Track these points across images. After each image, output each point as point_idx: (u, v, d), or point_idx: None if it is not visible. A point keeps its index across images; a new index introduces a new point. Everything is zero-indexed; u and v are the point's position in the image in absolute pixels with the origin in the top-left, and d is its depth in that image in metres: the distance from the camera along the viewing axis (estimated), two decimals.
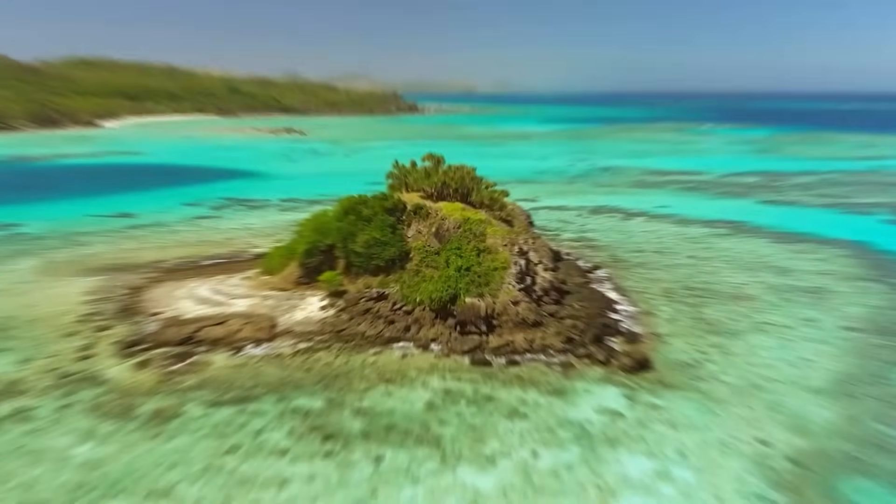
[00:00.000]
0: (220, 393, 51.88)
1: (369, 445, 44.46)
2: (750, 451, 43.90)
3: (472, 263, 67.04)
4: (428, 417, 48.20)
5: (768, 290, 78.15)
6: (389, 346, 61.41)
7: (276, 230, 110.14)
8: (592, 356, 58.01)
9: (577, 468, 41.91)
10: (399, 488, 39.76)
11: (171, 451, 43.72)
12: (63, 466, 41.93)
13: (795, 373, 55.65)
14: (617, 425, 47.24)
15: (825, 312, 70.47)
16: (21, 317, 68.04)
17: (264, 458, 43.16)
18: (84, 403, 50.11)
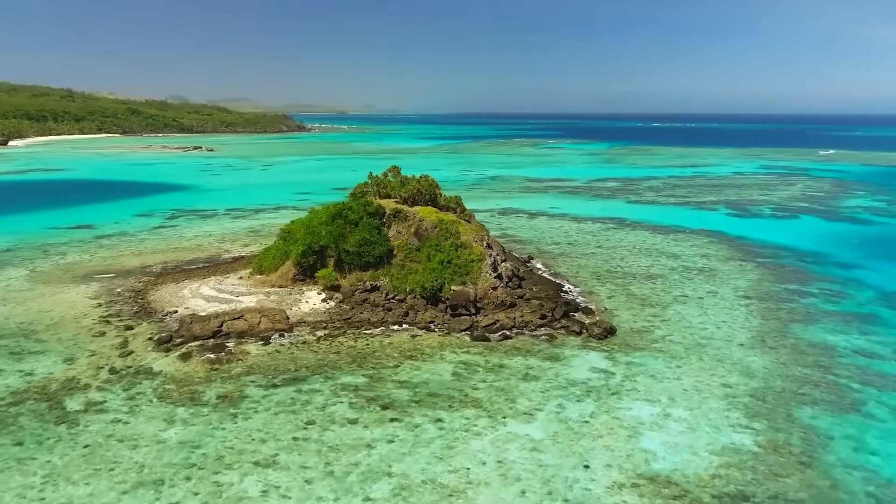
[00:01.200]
0: (270, 377, 51.04)
1: (424, 410, 45.47)
2: (719, 392, 48.54)
3: (452, 257, 68.88)
4: (460, 385, 49.73)
5: (670, 271, 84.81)
6: (395, 329, 62.07)
7: (236, 236, 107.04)
8: (568, 328, 61.39)
9: (598, 415, 44.88)
10: (467, 443, 41.17)
11: (254, 428, 42.94)
12: (163, 448, 40.33)
13: (724, 332, 61.44)
14: (612, 380, 50.70)
15: (720, 286, 77.58)
16: (41, 321, 63.35)
17: (340, 427, 43.29)
18: (150, 393, 47.96)
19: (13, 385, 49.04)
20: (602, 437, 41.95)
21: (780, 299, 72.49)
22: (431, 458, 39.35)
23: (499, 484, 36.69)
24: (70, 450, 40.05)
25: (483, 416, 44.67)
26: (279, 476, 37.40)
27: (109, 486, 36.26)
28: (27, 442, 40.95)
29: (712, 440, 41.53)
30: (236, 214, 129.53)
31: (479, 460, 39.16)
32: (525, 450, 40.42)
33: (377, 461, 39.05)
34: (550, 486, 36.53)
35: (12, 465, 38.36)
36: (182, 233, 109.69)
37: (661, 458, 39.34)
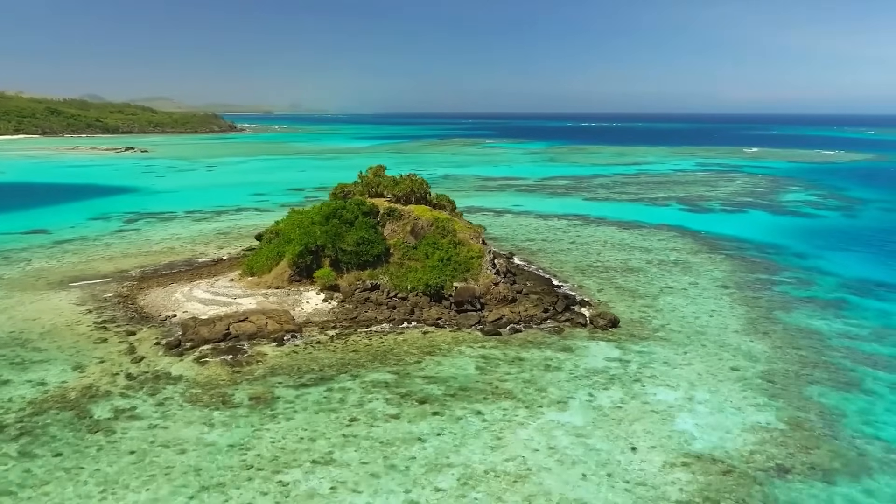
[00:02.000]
0: (296, 377, 50.98)
1: (461, 403, 46.55)
2: (731, 376, 51.64)
3: (452, 254, 70.04)
4: (487, 378, 51.03)
5: (647, 264, 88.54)
6: (404, 326, 62.74)
7: (206, 238, 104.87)
8: (573, 321, 63.56)
9: (628, 401, 47.08)
10: (514, 432, 42.53)
11: (299, 427, 43.02)
12: (213, 451, 39.96)
13: (717, 320, 64.98)
14: (629, 368, 53.08)
15: (699, 277, 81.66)
16: (31, 329, 60.87)
17: (384, 422, 43.86)
18: (178, 398, 47.17)
19: (28, 395, 47.24)
20: (638, 422, 44.05)
21: (755, 288, 76.92)
22: (485, 448, 40.47)
23: (558, 469, 38.18)
24: (116, 457, 39.14)
25: (520, 407, 46.09)
26: (342, 472, 37.74)
27: (172, 491, 35.78)
28: (66, 452, 39.78)
29: (740, 420, 44.29)
30: (197, 217, 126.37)
31: (531, 448, 40.55)
32: (571, 436, 42.07)
33: (433, 453, 39.87)
34: (607, 468, 38.29)
35: (60, 475, 37.26)
36: (147, 236, 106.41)
37: (699, 438, 41.74)
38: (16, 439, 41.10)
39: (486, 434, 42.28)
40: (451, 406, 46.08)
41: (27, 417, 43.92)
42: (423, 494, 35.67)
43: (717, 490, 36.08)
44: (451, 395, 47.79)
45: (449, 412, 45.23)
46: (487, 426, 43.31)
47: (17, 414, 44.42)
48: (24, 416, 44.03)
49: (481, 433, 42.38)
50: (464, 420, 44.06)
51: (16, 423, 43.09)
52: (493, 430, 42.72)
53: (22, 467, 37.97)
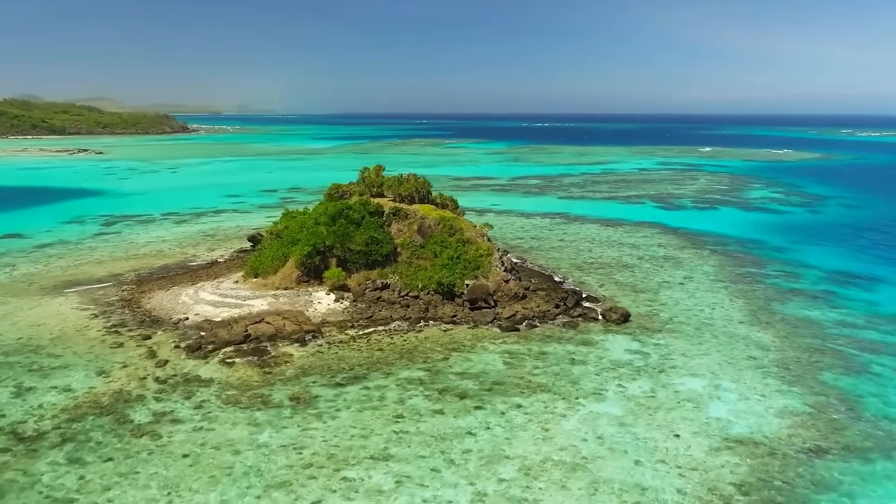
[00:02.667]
0: (329, 377, 51.17)
1: (500, 398, 47.53)
2: (749, 364, 53.97)
3: (461, 253, 70.97)
4: (517, 372, 52.14)
5: (639, 260, 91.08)
6: (422, 324, 63.35)
7: (192, 241, 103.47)
8: (586, 316, 65.20)
9: (659, 391, 48.83)
10: (558, 423, 43.74)
11: (347, 426, 43.32)
12: (268, 452, 40.00)
13: (720, 313, 67.54)
14: (650, 360, 54.91)
15: (691, 272, 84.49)
16: (40, 336, 59.37)
17: (430, 417, 44.53)
18: (215, 400, 46.90)
19: (58, 402, 46.29)
20: (674, 410, 45.79)
21: (747, 282, 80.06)
22: (536, 440, 41.54)
23: (612, 457, 39.52)
24: (171, 460, 38.84)
25: (557, 399, 47.32)
26: (403, 467, 38.29)
27: (239, 491, 35.78)
28: (117, 457, 39.25)
29: (769, 405, 46.46)
30: (176, 219, 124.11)
31: (579, 438, 41.80)
32: (614, 426, 43.49)
33: (487, 446, 40.74)
34: (656, 455, 39.80)
35: (118, 480, 36.82)
36: (131, 239, 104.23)
37: (735, 424, 43.67)
38: (60, 446, 40.33)
39: (533, 426, 43.32)
40: (491, 400, 46.97)
41: (64, 424, 43.07)
42: (488, 486, 36.48)
43: (767, 472, 37.92)
44: (487, 390, 48.66)
45: (490, 406, 46.10)
46: (531, 419, 44.36)
47: (52, 420, 43.50)
48: (61, 423, 43.16)
49: (527, 425, 43.40)
50: (507, 414, 45.02)
51: (55, 430, 42.24)
52: (538, 423, 43.78)
53: (76, 474, 37.36)
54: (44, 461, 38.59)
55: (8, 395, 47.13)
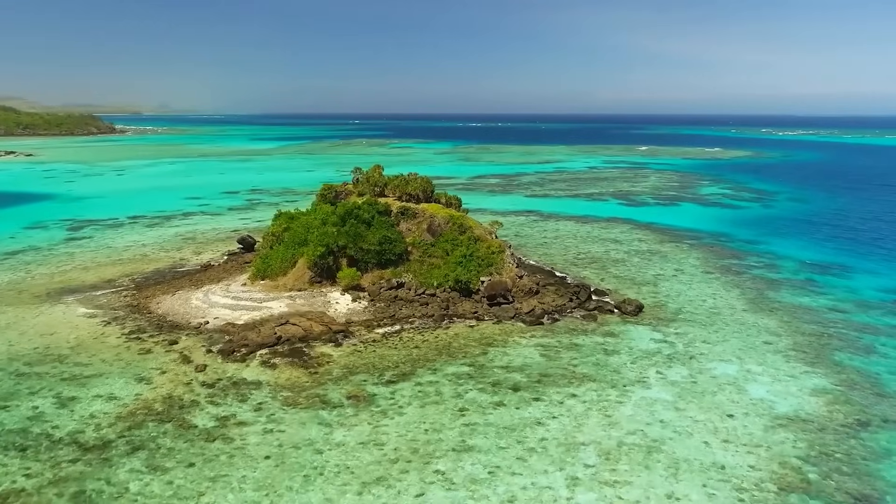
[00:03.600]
0: (377, 374, 51.52)
1: (552, 388, 49.09)
2: (767, 348, 57.41)
3: (473, 250, 72.22)
4: (558, 364, 53.85)
5: (627, 255, 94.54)
6: (447, 321, 64.23)
7: (174, 244, 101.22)
8: (601, 308, 67.58)
9: (696, 376, 51.47)
10: (617, 410, 45.66)
11: (416, 421, 43.93)
12: (349, 450, 40.25)
13: (722, 302, 71.20)
14: (677, 348, 57.65)
15: (680, 265, 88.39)
16: (57, 345, 57.25)
17: (494, 409, 45.66)
18: (272, 401, 46.63)
19: (110, 410, 45.08)
20: (718, 393, 48.45)
21: (734, 273, 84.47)
22: (603, 426, 43.30)
23: (680, 439, 41.66)
24: (255, 462, 38.64)
25: (606, 387, 49.27)
26: (489, 458, 39.32)
27: (339, 490, 36.05)
28: (197, 462, 38.75)
29: (800, 385, 49.76)
30: (146, 223, 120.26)
31: (643, 422, 43.81)
32: (670, 410, 45.73)
33: (560, 434, 42.21)
34: (719, 435, 42.21)
35: (209, 485, 36.43)
36: (106, 244, 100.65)
37: (778, 404, 46.64)
38: (132, 454, 39.43)
39: (594, 413, 45.05)
40: (545, 391, 48.45)
41: (126, 432, 42.03)
42: (577, 471, 37.94)
43: (824, 445, 40.88)
44: (537, 382, 50.11)
45: (547, 397, 47.57)
46: (589, 407, 46.10)
47: (111, 429, 42.36)
48: (122, 431, 42.10)
49: (589, 413, 45.10)
50: (565, 404, 46.57)
51: (119, 438, 41.20)
52: (597, 410, 45.55)
53: (162, 480, 36.69)
54: (123, 469, 37.66)
55: (51, 406, 45.46)
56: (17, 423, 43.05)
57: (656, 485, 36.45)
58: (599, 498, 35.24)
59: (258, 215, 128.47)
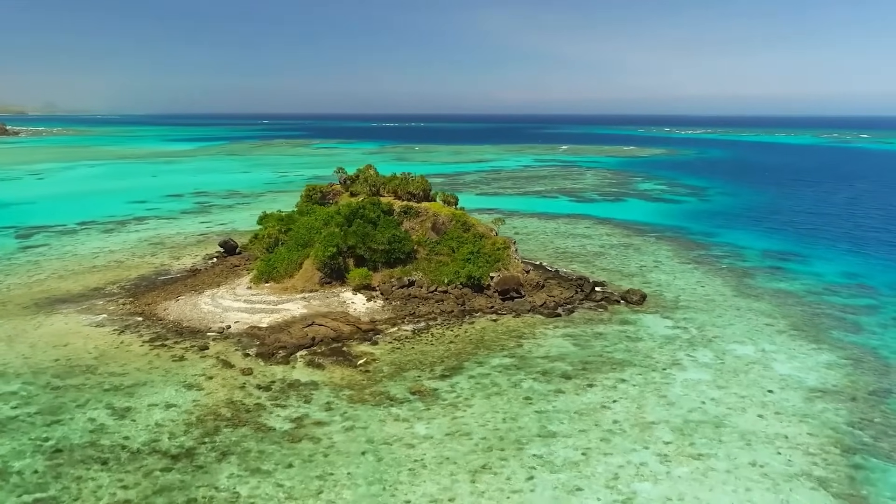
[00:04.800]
0: (428, 370, 52.56)
1: (600, 375, 51.72)
2: (771, 330, 62.32)
3: (479, 247, 74.11)
4: (592, 352, 56.58)
5: (602, 248, 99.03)
6: (468, 317, 65.78)
7: (145, 250, 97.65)
8: (608, 299, 71.04)
9: (722, 357, 55.47)
10: (669, 391, 48.72)
11: (490, 411, 45.28)
12: (438, 443, 41.25)
13: (711, 290, 76.24)
14: (692, 333, 61.66)
15: (657, 257, 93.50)
16: (78, 357, 54.91)
17: (555, 396, 47.76)
18: (338, 400, 46.91)
19: (175, 417, 44.15)
20: (749, 372, 52.50)
21: (708, 263, 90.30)
22: (664, 405, 46.29)
23: (736, 414, 45.16)
24: (353, 459, 39.15)
25: (648, 371, 52.41)
26: (575, 441, 41.38)
27: (450, 479, 37.19)
28: (295, 463, 38.89)
29: (815, 360, 54.63)
30: (100, 228, 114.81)
31: (697, 401, 47.12)
32: (714, 388, 49.31)
33: (628, 416, 44.81)
34: (768, 409, 46.04)
35: (319, 483, 36.73)
36: (70, 251, 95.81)
37: (805, 378, 51.13)
38: (223, 459, 38.97)
39: (649, 395, 47.97)
40: (595, 377, 51.01)
41: (206, 438, 41.39)
42: (660, 448, 40.58)
43: (862, 412, 45.43)
44: (583, 370, 52.60)
45: (599, 383, 50.14)
46: (642, 389, 49.00)
47: (187, 436, 41.57)
48: (200, 437, 41.41)
49: (644, 395, 47.98)
50: (618, 388, 49.27)
51: (202, 445, 40.55)
52: (651, 392, 48.50)
53: (269, 482, 36.63)
54: (223, 475, 37.22)
55: (108, 417, 43.94)
56: (81, 436, 41.39)
57: (736, 455, 39.57)
58: (693, 470, 37.90)
59: (218, 218, 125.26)
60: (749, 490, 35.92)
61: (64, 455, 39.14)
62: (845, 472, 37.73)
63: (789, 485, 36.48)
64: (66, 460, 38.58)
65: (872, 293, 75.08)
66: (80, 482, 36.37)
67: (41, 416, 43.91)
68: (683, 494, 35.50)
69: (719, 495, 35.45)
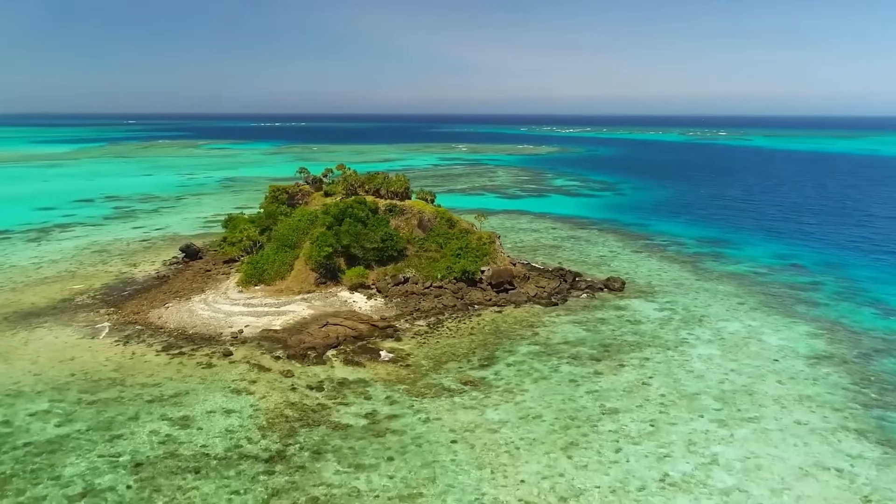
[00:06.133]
0: (464, 360, 54.39)
1: (624, 355, 55.61)
2: (746, 307, 69.04)
3: (467, 242, 76.54)
4: (604, 336, 60.49)
5: (556, 241, 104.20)
6: (470, 309, 67.98)
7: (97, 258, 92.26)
8: (592, 287, 75.64)
9: (721, 334, 61.05)
10: (691, 367, 53.26)
11: (547, 394, 47.79)
12: (517, 426, 43.28)
13: (673, 275, 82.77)
14: (681, 314, 67.08)
15: (608, 247, 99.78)
16: (96, 371, 52.18)
17: (597, 377, 51.04)
18: (396, 395, 47.80)
19: (242, 423, 43.42)
20: (747, 345, 58.27)
21: (657, 250, 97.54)
22: (694, 378, 50.85)
23: (757, 382, 50.36)
24: (447, 447, 40.54)
25: (663, 350, 57.02)
26: (639, 415, 44.79)
27: (548, 458, 39.43)
28: (395, 456, 39.71)
29: (797, 331, 61.43)
30: (22, 238, 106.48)
31: (719, 372, 52.09)
32: (727, 361, 54.57)
33: (670, 390, 48.89)
34: (783, 374, 51.73)
35: (427, 472, 37.85)
36: (7, 262, 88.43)
37: (796, 347, 57.57)
38: (319, 458, 39.15)
39: (677, 371, 52.44)
40: (622, 358, 54.93)
41: (286, 439, 41.26)
42: (713, 415, 44.85)
43: (860, 371, 52.09)
44: (606, 353, 56.37)
45: (628, 363, 54.09)
46: (668, 366, 53.41)
47: (267, 440, 41.24)
48: (281, 440, 41.18)
49: (672, 371, 52.39)
50: (646, 365, 53.41)
51: (287, 447, 40.45)
52: (678, 368, 53.00)
53: (381, 475, 37.36)
54: (328, 473, 37.51)
55: (171, 428, 42.59)
56: (154, 448, 39.96)
57: (779, 416, 44.60)
58: (752, 431, 42.42)
59: (150, 223, 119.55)
60: (807, 445, 40.78)
61: (148, 468, 37.70)
62: (874, 423, 43.52)
63: (836, 437, 41.76)
64: (154, 473, 37.21)
65: (807, 272, 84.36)
66: (183, 492, 35.36)
67: (96, 433, 41.71)
68: (756, 453, 39.73)
69: (786, 450, 40.01)
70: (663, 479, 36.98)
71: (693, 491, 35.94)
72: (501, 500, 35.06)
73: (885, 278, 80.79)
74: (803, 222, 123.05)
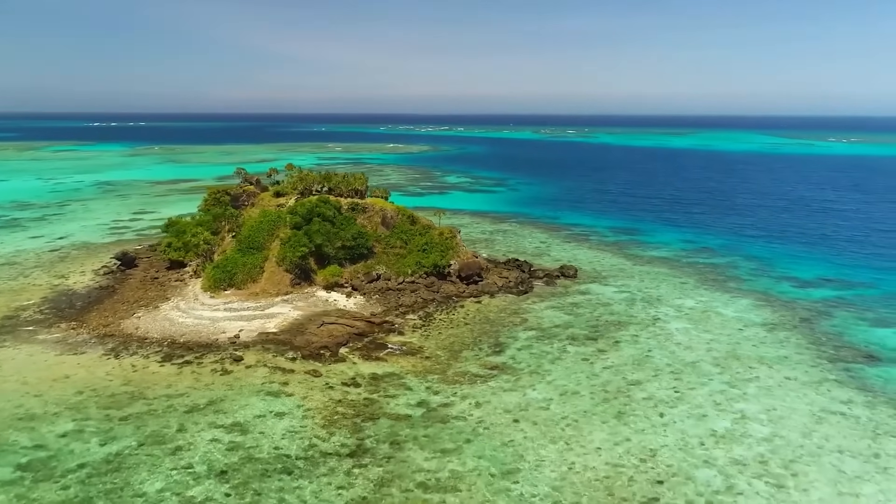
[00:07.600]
0: (475, 348, 56.94)
1: (614, 333, 60.61)
2: (693, 286, 77.09)
3: (430, 238, 78.96)
4: (586, 318, 65.33)
5: (485, 235, 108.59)
6: (451, 301, 70.50)
7: (12, 272, 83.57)
8: (550, 276, 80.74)
9: (682, 310, 67.94)
10: (678, 340, 59.34)
11: (572, 373, 51.55)
12: (562, 402, 46.68)
13: (613, 262, 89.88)
14: (640, 295, 73.48)
15: (537, 240, 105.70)
16: (107, 387, 49.30)
17: (603, 354, 55.53)
18: (438, 385, 49.40)
19: (305, 424, 43.44)
20: (710, 319, 65.47)
21: (583, 240, 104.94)
22: (685, 349, 56.80)
23: (739, 345, 57.44)
24: (512, 428, 42.92)
25: (645, 326, 62.85)
26: (662, 383, 49.71)
27: (609, 428, 43.12)
28: (472, 439, 41.63)
29: (742, 304, 69.72)
30: None
31: (702, 341, 58.56)
32: (702, 332, 61.34)
33: (672, 360, 54.29)
34: (753, 340, 58.92)
35: (512, 450, 40.26)
36: None
37: (749, 317, 65.55)
38: (400, 449, 40.25)
39: (669, 345, 58.23)
40: (614, 336, 60.06)
41: (355, 435, 41.91)
42: (722, 378, 50.72)
43: (809, 335, 60.51)
44: (597, 333, 61.17)
45: (622, 340, 59.21)
46: (657, 341, 59.09)
47: (336, 438, 41.63)
48: (350, 436, 41.80)
49: (666, 345, 58.10)
50: (639, 341, 58.83)
51: (360, 442, 41.18)
52: (667, 341, 58.86)
53: (471, 456, 39.13)
54: (420, 459, 38.81)
55: (228, 435, 41.73)
56: (226, 456, 39.11)
57: (771, 374, 51.51)
58: (760, 388, 48.79)
59: (48, 231, 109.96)
60: (807, 395, 47.66)
61: (235, 475, 36.93)
62: (846, 374, 51.47)
63: (825, 387, 49.08)
64: (244, 478, 36.56)
65: (718, 254, 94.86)
66: (286, 493, 35.20)
67: (151, 447, 39.92)
68: (774, 405, 45.93)
69: (794, 402, 46.56)
70: (714, 435, 41.84)
71: (742, 442, 41.09)
72: (591, 466, 38.08)
73: (780, 257, 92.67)
74: (691, 212, 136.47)
